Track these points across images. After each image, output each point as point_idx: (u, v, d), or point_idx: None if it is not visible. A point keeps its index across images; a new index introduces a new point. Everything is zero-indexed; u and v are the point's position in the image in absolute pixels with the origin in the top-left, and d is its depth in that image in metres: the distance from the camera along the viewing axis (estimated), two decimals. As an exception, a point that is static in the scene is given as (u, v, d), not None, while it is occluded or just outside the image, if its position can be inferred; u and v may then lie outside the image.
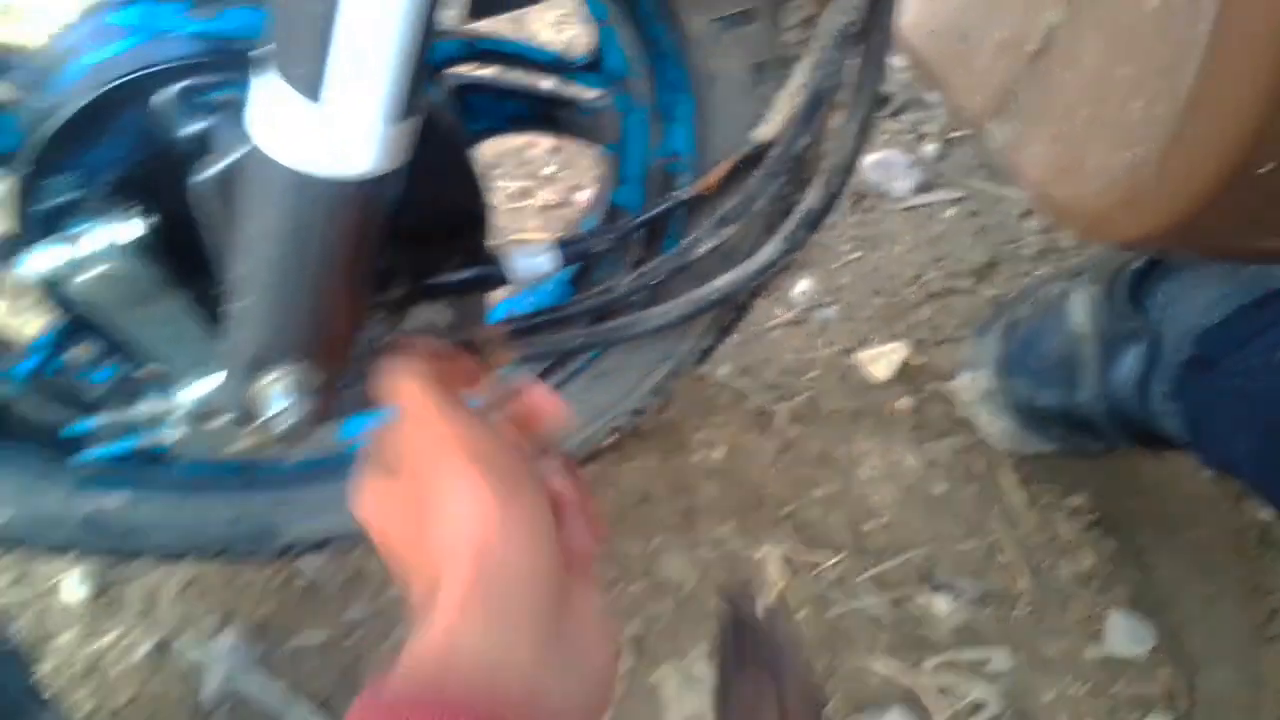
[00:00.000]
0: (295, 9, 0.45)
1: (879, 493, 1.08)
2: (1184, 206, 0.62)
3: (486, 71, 0.83)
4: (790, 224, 0.76)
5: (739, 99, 0.78)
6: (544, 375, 1.03)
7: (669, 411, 1.17)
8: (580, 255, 0.84)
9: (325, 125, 0.48)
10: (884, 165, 1.49)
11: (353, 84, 0.46)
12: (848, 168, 0.70)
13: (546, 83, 0.87)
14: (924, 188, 1.44)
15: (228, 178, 0.53)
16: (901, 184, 1.47)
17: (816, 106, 0.65)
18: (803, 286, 1.32)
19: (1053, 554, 1.05)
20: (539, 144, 1.62)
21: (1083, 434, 1.00)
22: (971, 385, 1.09)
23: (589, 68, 0.82)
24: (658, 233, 0.89)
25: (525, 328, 0.87)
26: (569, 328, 0.89)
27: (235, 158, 0.52)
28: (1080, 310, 0.98)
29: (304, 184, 0.51)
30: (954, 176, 1.46)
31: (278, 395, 0.63)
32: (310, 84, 0.46)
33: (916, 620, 0.99)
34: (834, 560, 1.03)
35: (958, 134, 1.50)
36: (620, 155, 0.88)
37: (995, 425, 1.08)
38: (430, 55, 0.50)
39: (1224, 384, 0.85)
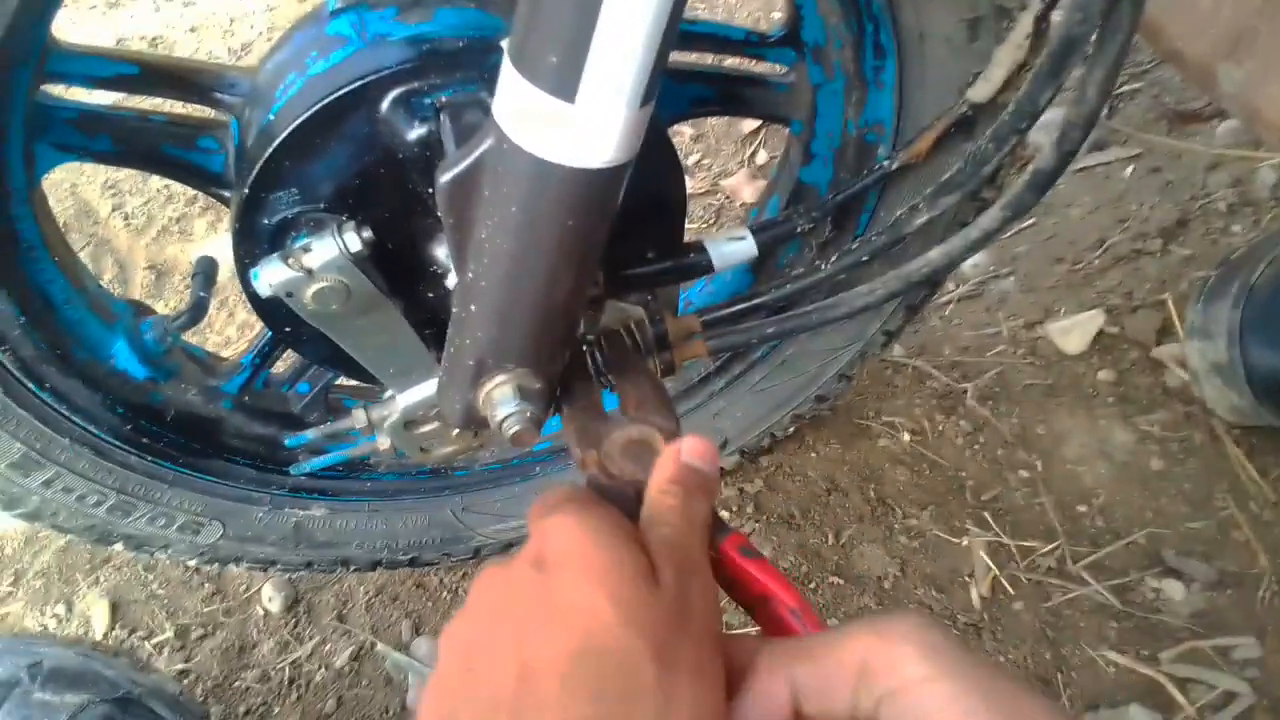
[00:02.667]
0: (552, 12, 0.43)
1: (1090, 472, 1.02)
2: None
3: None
4: (1016, 188, 0.71)
5: (950, 59, 0.73)
6: (722, 367, 1.00)
7: (848, 394, 1.13)
8: (783, 238, 0.81)
9: (579, 120, 0.46)
10: (1048, 125, 1.40)
11: (610, 85, 0.44)
12: (1090, 122, 0.65)
13: (731, 61, 0.84)
14: (1098, 145, 1.36)
15: (473, 171, 0.52)
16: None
17: (1068, 55, 0.60)
18: (974, 259, 1.26)
19: (1292, 529, 0.97)
20: (682, 132, 1.59)
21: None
22: (1199, 356, 1.01)
23: (783, 41, 0.78)
24: (850, 209, 0.85)
25: (720, 318, 0.84)
26: (763, 314, 0.85)
27: (484, 150, 0.51)
28: (1333, 277, 0.89)
29: (555, 173, 0.49)
30: (1129, 131, 1.37)
31: (503, 400, 0.62)
32: (567, 87, 0.44)
33: (1149, 607, 0.93)
34: (1049, 547, 0.97)
35: (1129, 86, 1.41)
36: (810, 131, 0.84)
37: (1225, 398, 1.00)
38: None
39: None
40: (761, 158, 1.56)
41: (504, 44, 0.50)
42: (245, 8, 2.08)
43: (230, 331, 1.48)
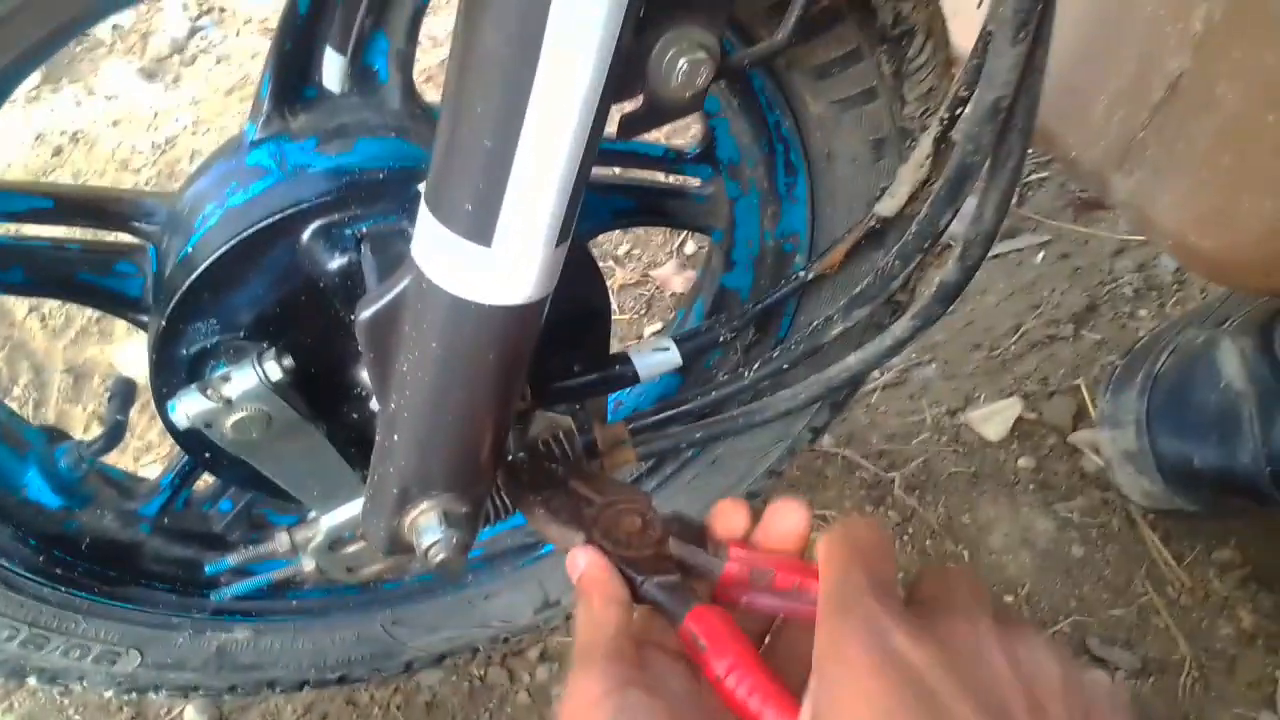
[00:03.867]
0: (467, 165, 0.45)
1: (1014, 561, 1.04)
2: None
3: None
4: (923, 300, 0.74)
5: (857, 176, 0.77)
6: (654, 468, 1.01)
7: (779, 489, 1.14)
8: (705, 348, 0.83)
9: (497, 262, 0.47)
10: (963, 215, 1.46)
11: (524, 228, 0.46)
12: (988, 240, 0.68)
13: (651, 176, 0.86)
14: (1010, 233, 1.42)
15: (393, 308, 0.52)
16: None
17: (963, 181, 0.63)
18: (926, 332, 1.30)
19: (1209, 614, 0.99)
20: (610, 225, 1.62)
21: (1240, 496, 0.95)
22: (1112, 444, 1.04)
23: (699, 158, 0.81)
24: (772, 315, 0.87)
25: (647, 425, 0.85)
26: (690, 419, 0.86)
27: (401, 288, 0.51)
28: (1232, 364, 0.93)
29: (474, 311, 0.50)
30: (1039, 219, 1.43)
31: (429, 527, 0.62)
32: (483, 232, 0.46)
33: (1076, 697, 0.94)
34: (979, 638, 0.98)
35: (1036, 175, 1.48)
36: (730, 240, 0.86)
37: (1138, 484, 1.03)
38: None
39: None
40: (690, 248, 1.59)
41: (420, 187, 0.51)
42: (169, 101, 2.08)
43: (152, 436, 1.45)
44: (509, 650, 1.07)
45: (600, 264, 1.55)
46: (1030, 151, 0.62)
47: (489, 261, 0.48)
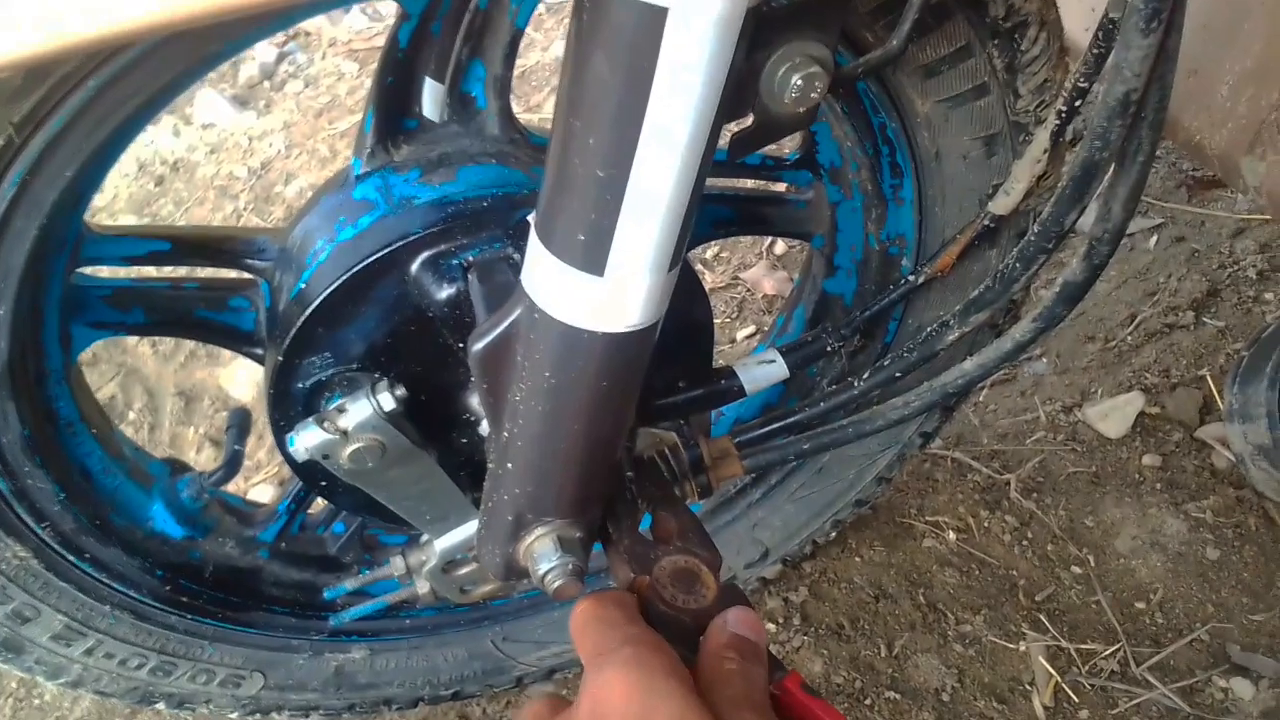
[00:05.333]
0: (578, 197, 0.44)
1: (1145, 565, 0.99)
2: None
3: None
4: (1047, 301, 0.70)
5: (968, 175, 0.74)
6: (759, 478, 0.99)
7: (888, 495, 1.11)
8: (811, 358, 0.81)
9: (609, 291, 0.46)
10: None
11: (637, 257, 0.45)
12: (1116, 237, 0.64)
13: (750, 183, 0.85)
14: (1116, 220, 1.35)
15: (506, 339, 0.52)
16: (1090, 217, 1.38)
17: (1089, 178, 0.60)
18: (1050, 334, 1.25)
19: (1361, 616, 0.93)
20: (698, 228, 1.60)
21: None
22: (1242, 439, 0.99)
23: (799, 164, 0.79)
24: (878, 319, 0.85)
25: (754, 437, 0.84)
26: (796, 430, 0.84)
27: (513, 319, 0.51)
28: (1367, 348, 0.88)
29: (586, 339, 0.49)
30: (1151, 201, 1.36)
31: (544, 554, 0.61)
32: (595, 263, 0.45)
33: (1218, 709, 0.89)
34: (1110, 650, 0.94)
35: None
36: (832, 245, 0.84)
37: (1275, 480, 0.97)
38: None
39: None
40: (780, 248, 1.57)
41: (529, 217, 0.51)
42: (263, 126, 2.14)
43: (261, 455, 1.49)
44: (618, 664, 1.06)
45: (690, 268, 1.54)
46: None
47: (602, 291, 0.47)
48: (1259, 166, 0.75)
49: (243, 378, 1.59)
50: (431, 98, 0.67)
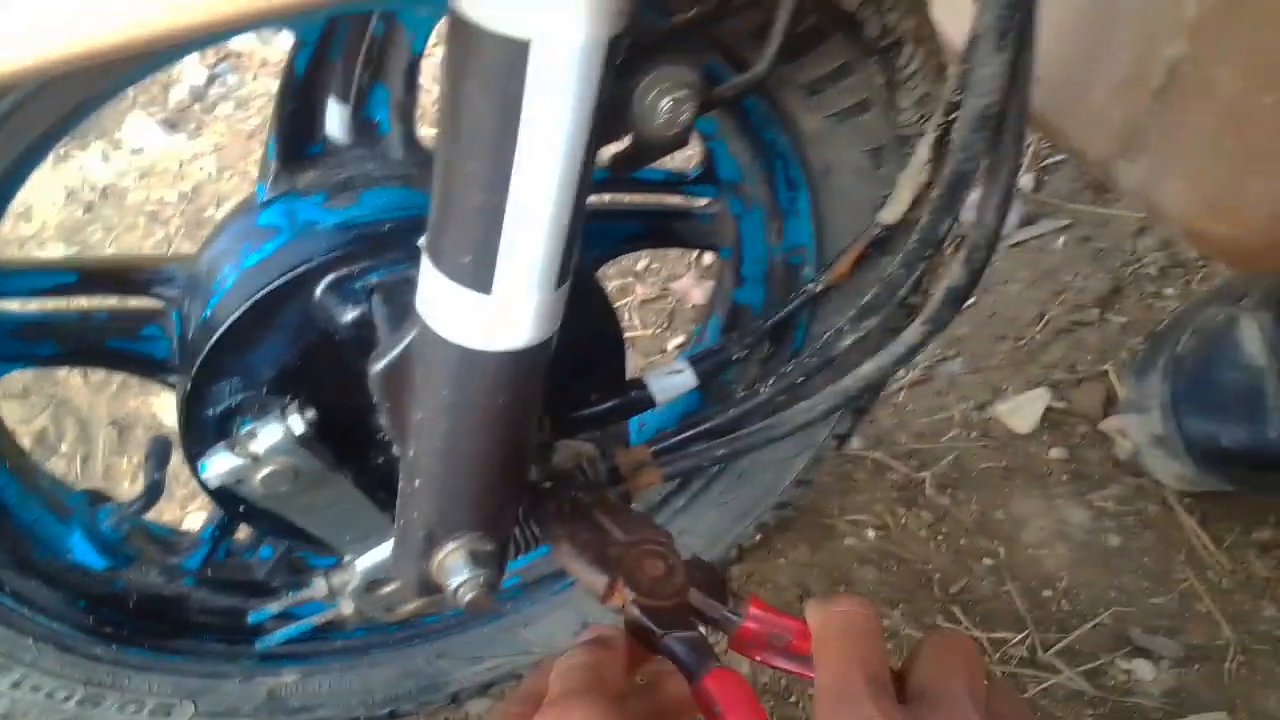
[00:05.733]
0: (462, 219, 0.46)
1: (1051, 555, 1.03)
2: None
3: (595, 197, 0.84)
4: (933, 305, 0.74)
5: (858, 185, 0.77)
6: (682, 485, 1.01)
7: (809, 496, 1.14)
8: (719, 367, 0.83)
9: (497, 309, 0.49)
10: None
11: (522, 274, 0.47)
12: (991, 242, 0.68)
13: (655, 200, 0.87)
14: (1028, 220, 1.41)
15: (402, 360, 0.54)
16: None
17: (959, 188, 0.64)
18: (939, 336, 1.29)
19: (1251, 595, 0.98)
20: (627, 241, 1.63)
21: (1270, 471, 0.94)
22: (1138, 429, 1.03)
23: (701, 179, 0.82)
24: (785, 328, 0.88)
25: (669, 446, 0.86)
26: (711, 437, 0.87)
27: (410, 339, 0.53)
28: (1253, 340, 0.92)
29: (479, 358, 0.51)
30: (1057, 203, 1.42)
31: (456, 568, 0.63)
32: (482, 281, 0.47)
33: (1121, 689, 0.93)
34: (1019, 637, 0.97)
35: (1052, 159, 1.47)
36: (738, 257, 0.87)
37: (1169, 468, 1.02)
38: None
39: None
40: (708, 259, 1.60)
41: (420, 242, 0.52)
42: (194, 149, 2.12)
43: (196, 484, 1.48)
44: (553, 675, 1.08)
45: (619, 280, 1.57)
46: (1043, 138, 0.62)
47: (490, 309, 0.49)
48: (1133, 170, 0.80)
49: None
50: (335, 118, 0.69)
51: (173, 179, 2.06)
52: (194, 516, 1.42)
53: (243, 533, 0.90)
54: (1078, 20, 0.84)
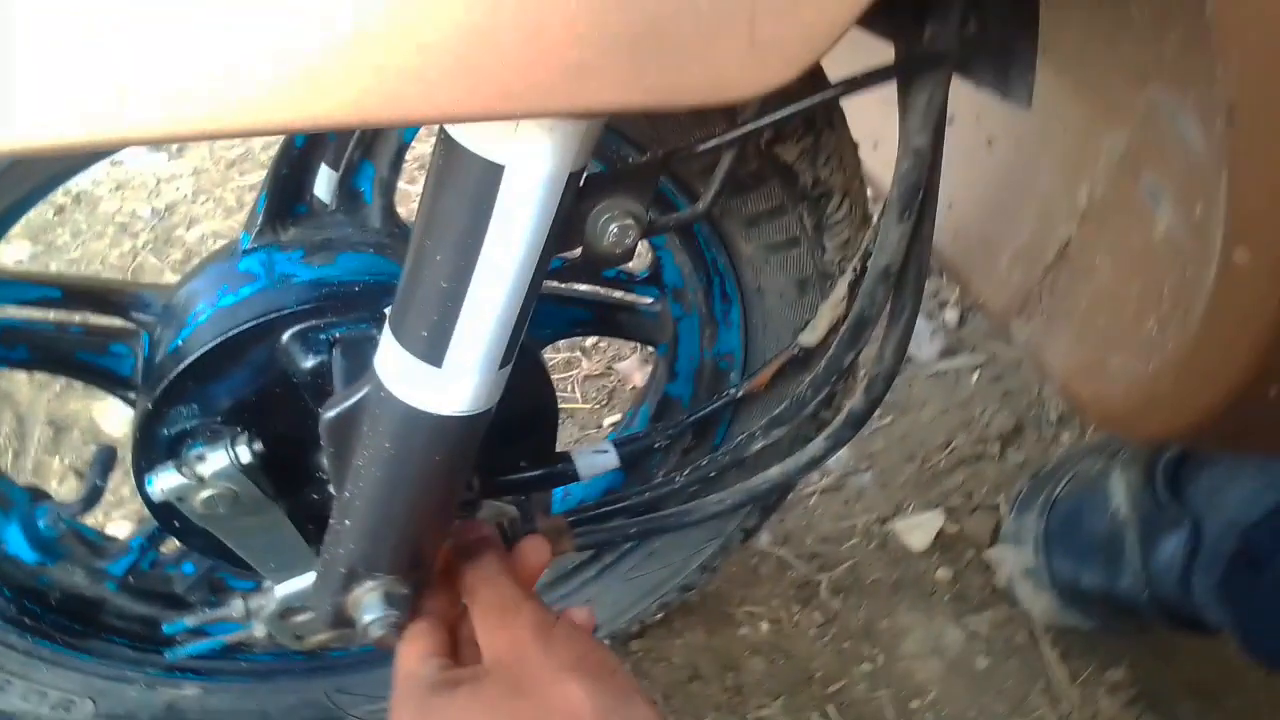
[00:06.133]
0: (425, 300, 0.53)
1: (924, 668, 1.11)
2: (1200, 417, 0.68)
3: (551, 283, 0.92)
4: (836, 424, 0.82)
5: (784, 309, 0.86)
6: (594, 557, 1.08)
7: (714, 583, 1.21)
8: (639, 454, 0.91)
9: (445, 381, 0.56)
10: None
11: (470, 355, 0.54)
12: (889, 378, 0.77)
13: (606, 293, 0.95)
14: (947, 352, 1.52)
15: (354, 411, 0.60)
16: (927, 349, 1.54)
17: (861, 329, 0.72)
18: (838, 454, 1.38)
19: (1096, 731, 1.07)
20: (578, 319, 1.71)
21: (1124, 616, 1.03)
22: (1013, 561, 1.13)
23: (648, 281, 0.90)
24: (709, 424, 0.96)
25: (587, 518, 0.93)
26: (627, 515, 0.94)
27: (363, 394, 0.59)
28: (1120, 492, 1.02)
29: (421, 418, 0.58)
30: (975, 341, 1.53)
31: (371, 605, 0.69)
32: (435, 356, 0.54)
33: (967, 802, 1.00)
34: (884, 740, 1.05)
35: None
36: (674, 353, 0.95)
37: (1037, 601, 1.11)
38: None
39: (1273, 582, 0.89)
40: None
41: (387, 310, 0.60)
42: (172, 170, 2.17)
43: (124, 491, 1.50)
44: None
45: (568, 353, 1.65)
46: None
47: (439, 380, 0.56)
48: (1025, 328, 0.90)
49: (116, 415, 1.60)
50: (324, 182, 0.76)
51: (148, 194, 2.11)
52: (117, 525, 1.44)
53: (169, 546, 0.94)
54: (997, 192, 0.95)
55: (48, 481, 1.52)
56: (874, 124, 0.93)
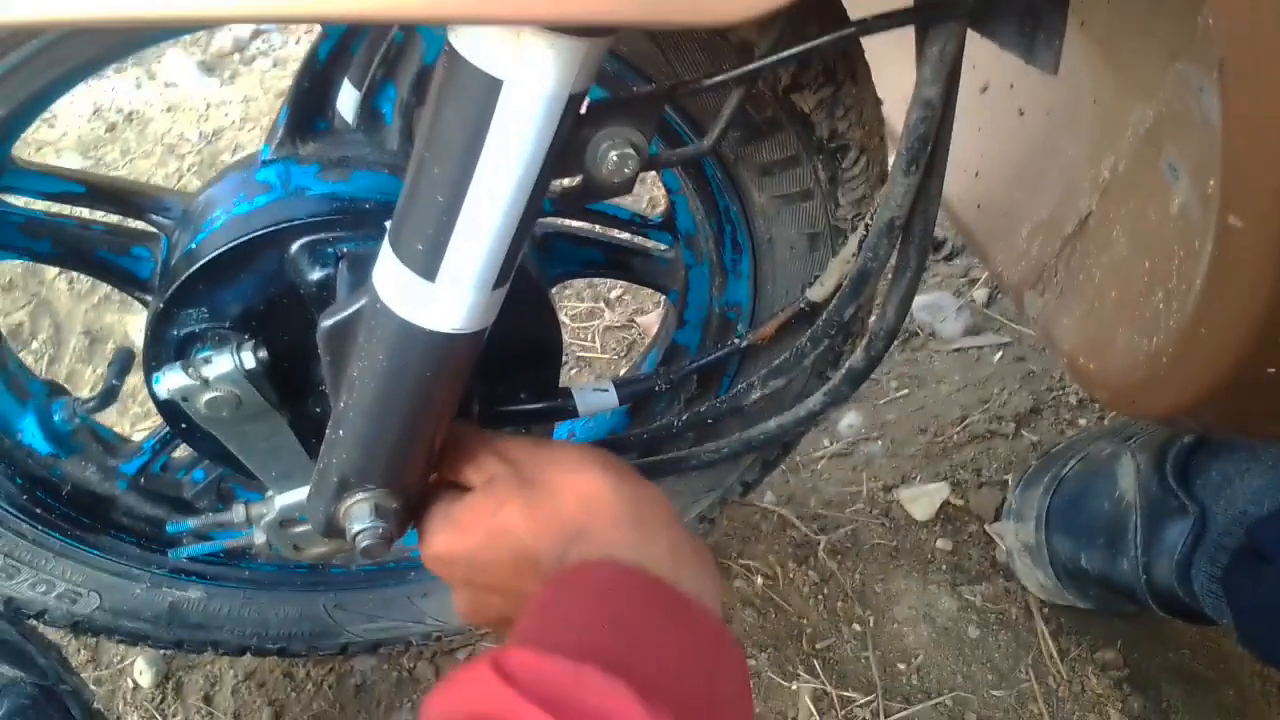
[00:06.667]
0: (421, 213, 0.54)
1: (914, 633, 1.11)
2: (1202, 394, 0.68)
3: (565, 221, 0.93)
4: (835, 380, 0.82)
5: (794, 261, 0.86)
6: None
7: (713, 536, 1.22)
8: (638, 395, 0.91)
9: (438, 296, 0.57)
10: (934, 307, 1.55)
11: (463, 271, 0.55)
12: (890, 335, 0.76)
13: (622, 234, 0.96)
14: (972, 330, 1.50)
15: (351, 322, 0.61)
16: (951, 326, 1.53)
17: (863, 283, 0.72)
18: (850, 420, 1.38)
19: (1081, 708, 1.06)
20: (605, 269, 1.71)
21: (1120, 598, 1.03)
22: (1014, 536, 1.12)
23: (661, 226, 0.91)
24: (713, 373, 0.96)
25: (585, 455, 0.94)
26: (626, 456, 0.95)
27: (359, 306, 0.61)
28: (1128, 477, 1.01)
29: (414, 333, 0.59)
30: (1002, 321, 1.52)
31: (360, 516, 0.70)
32: (430, 270, 0.55)
33: (934, 767, 1.01)
34: (865, 700, 1.05)
35: (1005, 282, 1.56)
36: (684, 301, 0.96)
37: (1034, 576, 1.11)
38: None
39: (1278, 577, 0.88)
40: (678, 301, 1.69)
41: (386, 224, 0.61)
42: (223, 96, 2.20)
43: (150, 405, 1.55)
44: (439, 649, 1.15)
45: (591, 303, 1.65)
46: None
47: (432, 294, 0.57)
48: (1037, 301, 0.89)
49: (148, 328, 1.64)
50: (347, 100, 0.77)
51: (197, 118, 2.14)
52: (140, 435, 1.48)
53: (181, 452, 0.97)
54: (1024, 163, 0.94)
55: (79, 389, 1.57)
56: (905, 82, 0.92)
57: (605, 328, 1.62)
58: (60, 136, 2.06)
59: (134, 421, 1.52)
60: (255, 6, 0.44)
